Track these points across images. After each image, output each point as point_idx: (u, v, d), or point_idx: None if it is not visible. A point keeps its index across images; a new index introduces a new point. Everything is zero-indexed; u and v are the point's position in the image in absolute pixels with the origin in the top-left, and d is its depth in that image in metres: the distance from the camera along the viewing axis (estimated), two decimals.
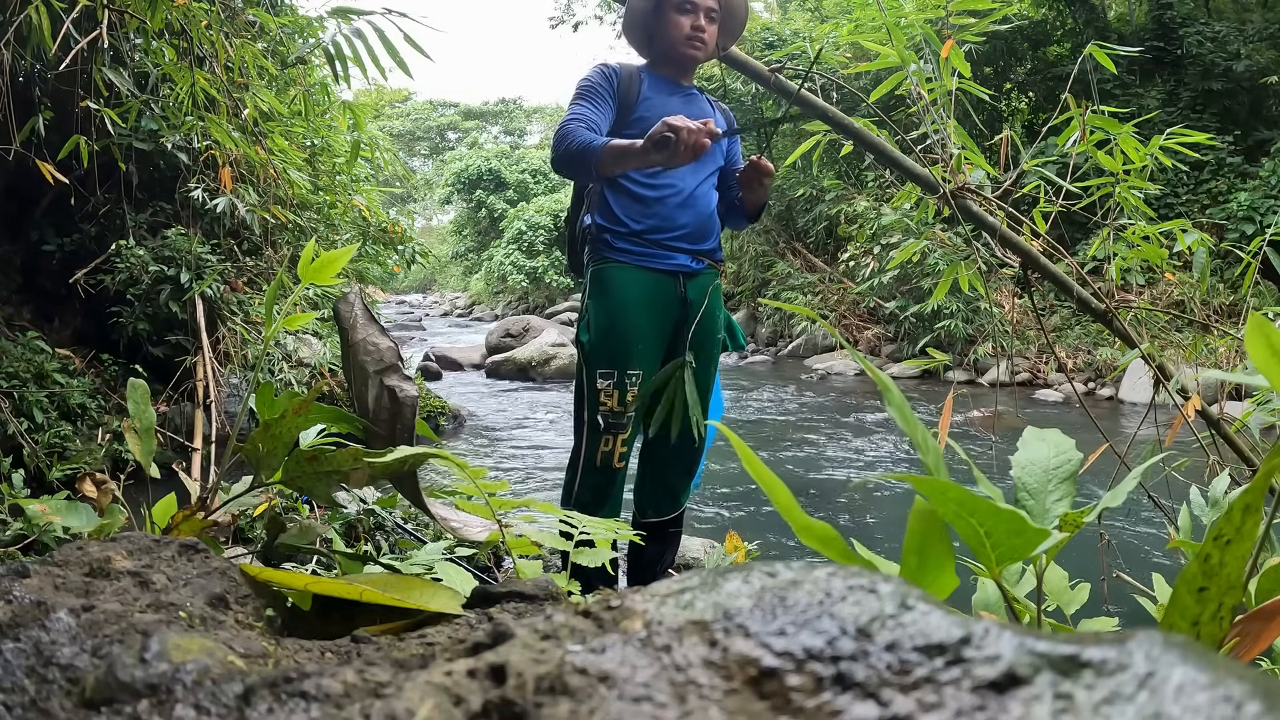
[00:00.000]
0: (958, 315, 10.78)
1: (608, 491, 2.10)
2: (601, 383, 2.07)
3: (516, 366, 10.54)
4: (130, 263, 4.85)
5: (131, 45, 4.19)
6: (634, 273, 2.10)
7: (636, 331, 2.08)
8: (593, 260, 2.16)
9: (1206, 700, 0.28)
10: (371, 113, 9.82)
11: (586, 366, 2.12)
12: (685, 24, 2.11)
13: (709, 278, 2.21)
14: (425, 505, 0.94)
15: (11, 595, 0.53)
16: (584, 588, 1.81)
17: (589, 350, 2.11)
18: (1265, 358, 0.50)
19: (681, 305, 2.14)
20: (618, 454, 2.08)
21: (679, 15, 2.11)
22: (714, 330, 2.24)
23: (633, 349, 2.07)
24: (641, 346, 2.08)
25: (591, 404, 2.09)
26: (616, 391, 2.06)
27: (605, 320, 2.08)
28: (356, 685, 0.41)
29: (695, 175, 2.16)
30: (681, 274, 2.14)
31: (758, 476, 0.55)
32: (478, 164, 27.87)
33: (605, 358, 2.08)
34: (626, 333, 2.07)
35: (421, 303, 31.64)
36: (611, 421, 2.06)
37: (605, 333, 2.08)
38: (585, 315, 2.15)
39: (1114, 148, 2.12)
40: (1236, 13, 12.99)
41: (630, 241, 2.10)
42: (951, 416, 1.71)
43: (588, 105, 2.08)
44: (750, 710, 0.33)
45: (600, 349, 2.08)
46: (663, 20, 2.14)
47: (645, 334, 2.09)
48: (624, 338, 2.07)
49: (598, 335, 2.09)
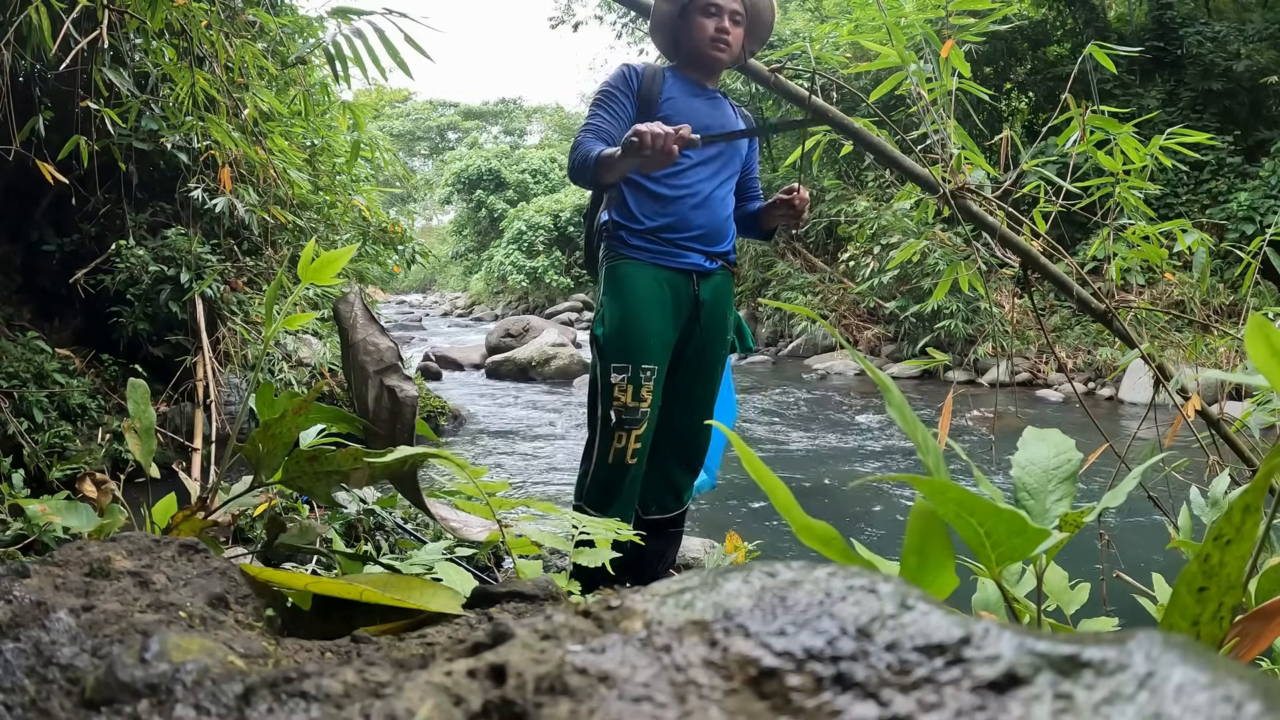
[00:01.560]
0: (958, 315, 10.78)
1: (619, 487, 2.11)
2: (616, 377, 2.08)
3: (516, 366, 10.54)
4: (130, 263, 4.85)
5: (131, 45, 4.19)
6: (648, 269, 2.12)
7: (650, 327, 2.10)
8: (608, 257, 2.18)
9: (1206, 700, 0.28)
10: (371, 113, 9.83)
11: (601, 361, 2.13)
12: (710, 26, 2.13)
13: (722, 279, 2.23)
14: (425, 505, 0.94)
15: (11, 595, 0.53)
16: (586, 587, 1.81)
17: (604, 345, 2.13)
18: (1265, 358, 0.50)
19: (694, 304, 2.17)
20: (630, 449, 2.09)
21: (704, 18, 2.13)
22: (723, 331, 2.25)
23: (647, 343, 2.10)
24: (654, 341, 2.10)
25: (606, 399, 2.10)
26: (631, 386, 2.07)
27: (620, 315, 2.10)
28: (356, 685, 0.41)
29: (713, 178, 2.19)
30: (695, 273, 2.17)
31: (757, 476, 0.55)
32: (478, 164, 27.87)
33: (620, 352, 2.09)
34: (641, 328, 2.09)
35: (421, 303, 31.63)
36: (625, 417, 2.08)
37: (620, 328, 2.10)
38: (600, 310, 2.18)
39: (1114, 148, 2.12)
40: (1236, 13, 12.99)
41: (645, 239, 2.13)
42: (951, 416, 1.71)
43: (603, 114, 2.13)
44: (750, 710, 0.33)
45: (615, 344, 2.10)
46: (688, 23, 2.16)
47: (658, 330, 2.11)
48: (638, 333, 2.09)
49: (612, 330, 2.11)
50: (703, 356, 2.23)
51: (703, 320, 2.19)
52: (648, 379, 2.08)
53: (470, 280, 28.53)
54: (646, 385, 2.08)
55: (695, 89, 2.23)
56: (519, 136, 41.80)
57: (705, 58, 2.18)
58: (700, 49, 2.16)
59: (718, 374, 2.28)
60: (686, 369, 2.23)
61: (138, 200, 5.26)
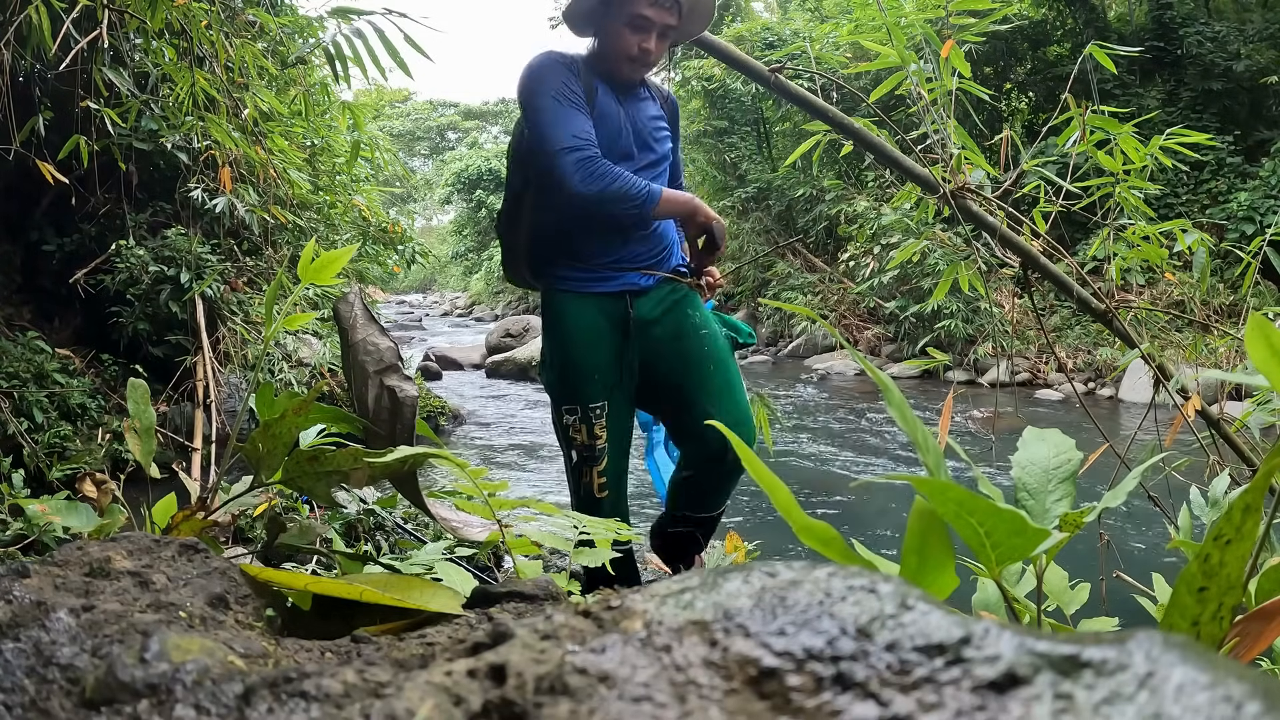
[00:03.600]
0: (958, 315, 10.79)
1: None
2: (568, 418, 2.01)
3: (516, 366, 10.54)
4: (130, 263, 4.85)
5: (131, 45, 4.19)
6: (578, 301, 2.00)
7: (588, 364, 1.98)
8: (543, 282, 2.08)
9: (1206, 700, 0.28)
10: (371, 113, 9.83)
11: (553, 403, 2.06)
12: (634, 44, 1.92)
13: (668, 290, 2.05)
14: (425, 505, 0.94)
15: (11, 595, 0.53)
16: (587, 587, 1.80)
17: (549, 388, 2.05)
18: (1265, 358, 0.50)
19: (630, 325, 2.00)
20: (596, 485, 2.00)
21: (630, 33, 1.91)
22: (688, 332, 2.06)
23: (589, 383, 1.98)
24: (597, 379, 1.99)
25: (564, 439, 2.04)
26: (584, 426, 1.98)
27: (559, 356, 2.01)
28: (356, 685, 0.41)
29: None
30: (629, 293, 2.01)
31: (757, 476, 0.55)
32: (478, 164, 27.86)
33: (566, 395, 2.01)
34: (580, 368, 1.98)
35: (421, 303, 31.66)
36: (584, 454, 1.99)
37: (560, 371, 2.01)
38: (543, 349, 2.08)
39: (1114, 148, 2.12)
40: (1236, 13, 13.00)
41: (575, 268, 2.01)
42: (951, 416, 1.71)
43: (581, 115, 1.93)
44: (750, 710, 0.33)
45: (558, 386, 2.02)
46: (611, 28, 1.94)
47: (600, 364, 1.99)
48: (578, 374, 1.99)
49: (553, 373, 2.03)
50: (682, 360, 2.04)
51: (653, 335, 2.02)
52: (598, 416, 1.98)
53: (470, 280, 28.54)
54: (599, 423, 1.98)
55: (617, 90, 2.03)
56: None
57: (619, 73, 1.98)
58: (616, 62, 1.96)
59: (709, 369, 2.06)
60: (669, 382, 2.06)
61: (138, 200, 5.26)
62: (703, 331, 2.08)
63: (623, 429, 2.07)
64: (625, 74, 1.99)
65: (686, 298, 2.08)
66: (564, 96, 1.91)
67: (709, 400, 2.04)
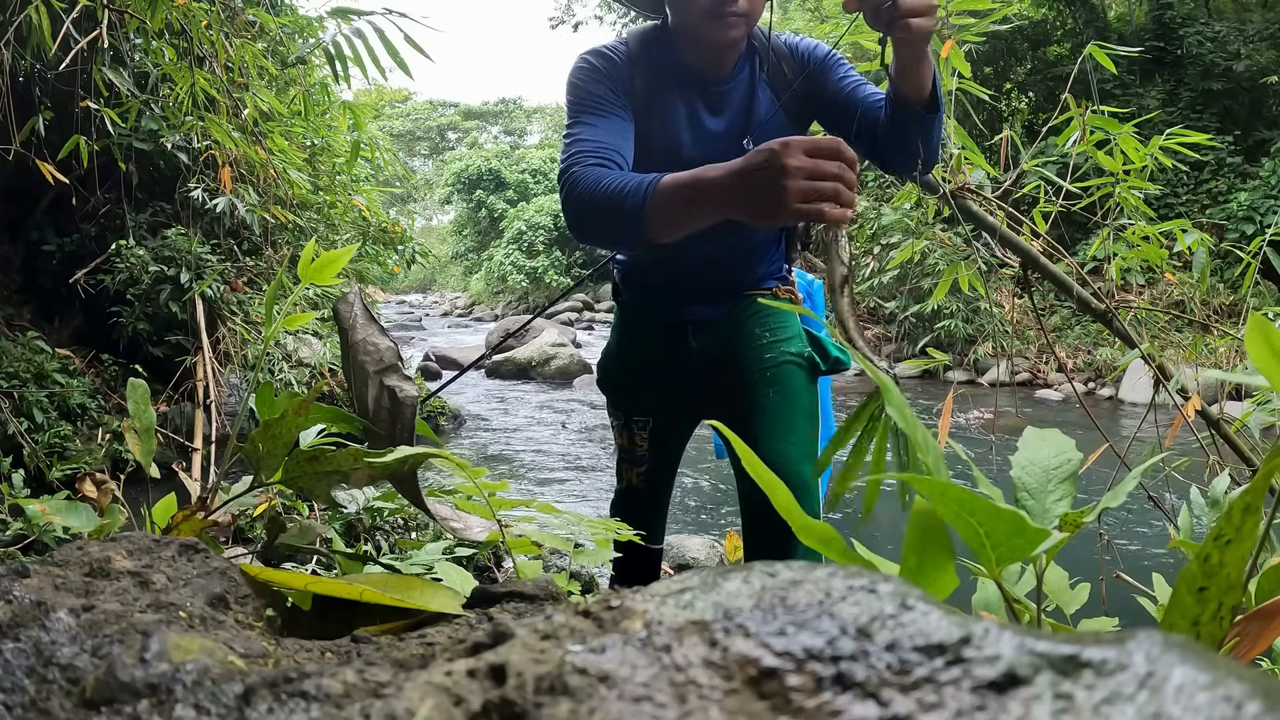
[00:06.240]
0: (958, 315, 10.79)
1: (634, 507, 1.93)
2: (612, 420, 1.95)
3: (516, 366, 10.55)
4: (130, 263, 4.85)
5: (131, 45, 4.19)
6: (644, 319, 1.85)
7: (637, 382, 1.88)
8: (617, 284, 1.93)
9: (1206, 700, 0.28)
10: (371, 113, 9.83)
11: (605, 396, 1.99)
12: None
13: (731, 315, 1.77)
14: (425, 505, 0.94)
15: (11, 595, 0.53)
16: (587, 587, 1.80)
17: (601, 384, 1.97)
18: (1265, 358, 0.50)
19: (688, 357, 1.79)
20: (634, 481, 1.93)
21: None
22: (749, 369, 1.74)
23: (637, 398, 1.89)
24: (645, 398, 1.88)
25: (613, 431, 1.98)
26: (625, 432, 1.90)
27: (615, 365, 1.91)
28: (356, 685, 0.41)
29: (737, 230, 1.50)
30: (691, 324, 1.77)
31: (757, 476, 0.55)
32: (478, 164, 27.90)
33: (611, 399, 1.94)
34: (627, 382, 1.90)
35: (421, 303, 31.65)
36: (625, 455, 1.93)
37: (613, 377, 1.92)
38: (607, 345, 1.98)
39: (1114, 148, 2.12)
40: (1236, 13, 13.00)
41: (640, 290, 1.86)
42: (951, 416, 1.71)
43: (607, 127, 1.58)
44: (750, 710, 0.33)
45: (608, 388, 1.95)
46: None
47: (647, 386, 1.87)
48: (627, 386, 1.91)
49: (605, 375, 1.95)
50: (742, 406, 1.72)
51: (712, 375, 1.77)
52: (641, 429, 1.88)
53: (470, 280, 28.56)
54: (640, 434, 1.88)
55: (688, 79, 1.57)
56: (519, 136, 41.80)
57: (703, 42, 1.51)
58: (695, 32, 1.49)
59: (777, 421, 1.71)
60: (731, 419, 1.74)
61: (138, 200, 5.26)
62: (767, 356, 1.74)
63: (669, 446, 1.93)
64: (709, 38, 1.48)
65: (755, 316, 1.75)
66: (582, 106, 1.51)
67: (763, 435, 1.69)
